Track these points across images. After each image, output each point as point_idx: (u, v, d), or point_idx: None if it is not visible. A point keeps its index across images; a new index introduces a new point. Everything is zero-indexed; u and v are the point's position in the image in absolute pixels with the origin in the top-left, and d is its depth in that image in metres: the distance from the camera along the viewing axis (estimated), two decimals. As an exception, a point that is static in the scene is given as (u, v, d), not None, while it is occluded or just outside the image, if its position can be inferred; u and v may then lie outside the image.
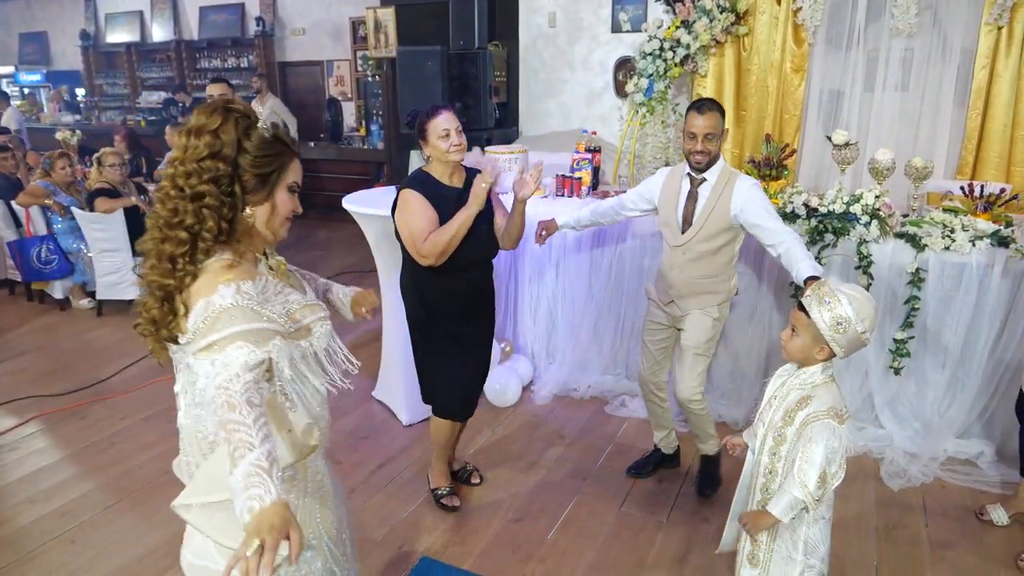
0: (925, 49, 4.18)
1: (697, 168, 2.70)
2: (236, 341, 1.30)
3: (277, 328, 1.39)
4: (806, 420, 1.78)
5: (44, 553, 2.64)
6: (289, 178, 1.54)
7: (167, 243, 1.38)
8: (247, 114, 1.50)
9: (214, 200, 1.40)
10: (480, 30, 5.63)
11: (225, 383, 1.26)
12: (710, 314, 2.77)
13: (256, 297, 1.39)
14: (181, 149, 1.43)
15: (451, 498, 2.93)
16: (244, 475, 1.19)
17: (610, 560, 2.60)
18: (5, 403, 3.84)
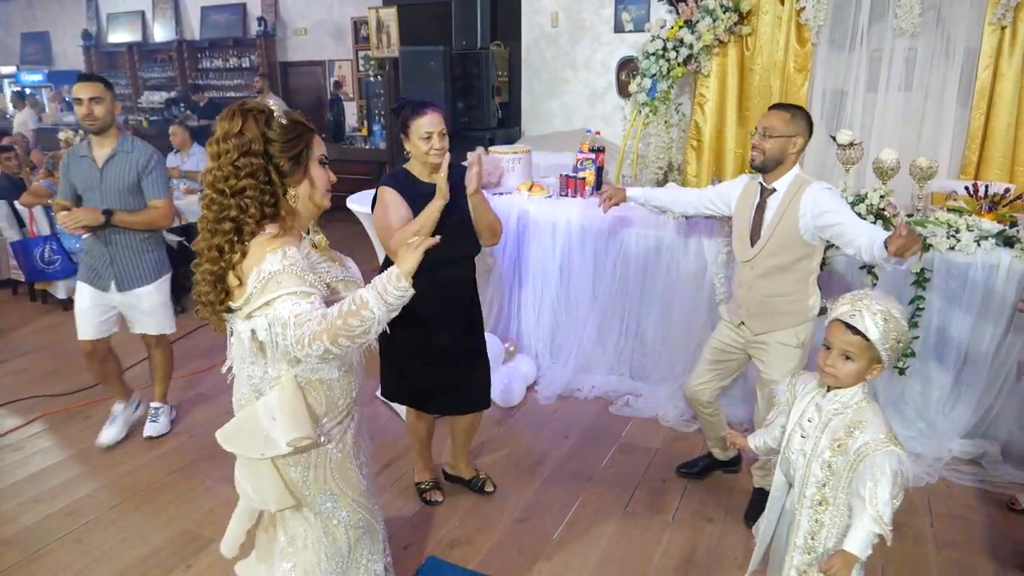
0: (928, 49, 4.18)
1: (754, 167, 2.55)
2: (283, 298, 1.52)
3: (316, 289, 1.58)
4: (862, 450, 1.65)
5: (50, 553, 2.64)
6: (316, 152, 1.72)
7: (216, 236, 1.58)
8: (262, 109, 1.65)
9: (254, 191, 1.58)
10: (482, 30, 5.64)
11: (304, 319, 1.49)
12: (789, 343, 2.54)
13: (300, 262, 1.58)
14: (214, 157, 1.61)
15: (433, 492, 2.94)
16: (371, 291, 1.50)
17: (616, 560, 2.60)
18: (8, 403, 3.84)
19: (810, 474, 1.75)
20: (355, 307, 1.48)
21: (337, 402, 1.75)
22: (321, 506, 1.78)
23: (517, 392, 3.77)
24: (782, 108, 2.52)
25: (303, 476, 1.73)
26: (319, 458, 1.74)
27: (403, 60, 5.78)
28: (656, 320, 3.76)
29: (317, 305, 1.54)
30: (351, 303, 1.48)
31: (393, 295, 1.49)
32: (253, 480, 1.72)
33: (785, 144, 2.46)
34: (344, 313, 1.47)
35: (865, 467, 1.64)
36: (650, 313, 3.77)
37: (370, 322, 1.48)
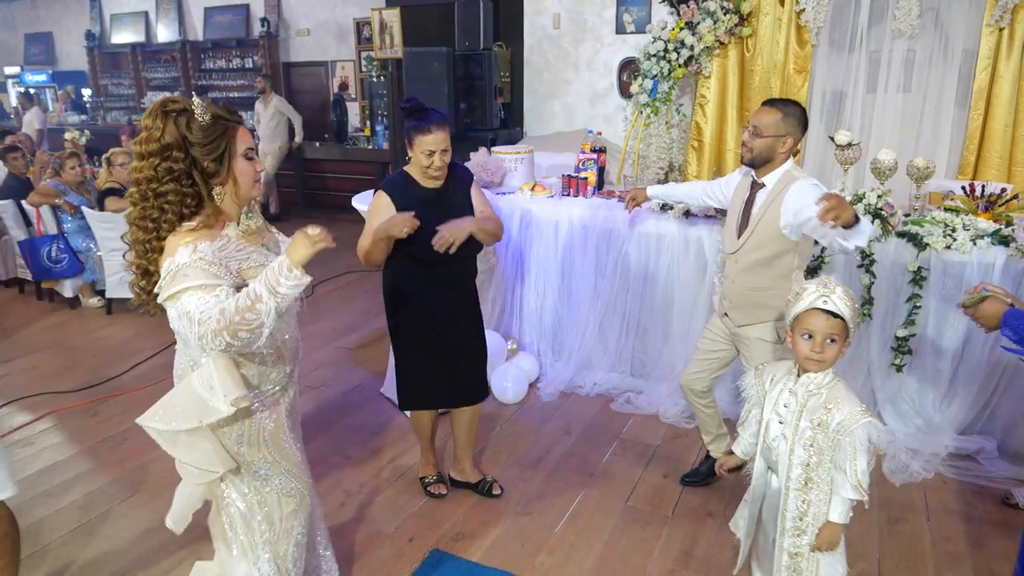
0: (927, 50, 4.23)
1: (744, 163, 2.58)
2: (188, 291, 1.58)
3: (221, 281, 1.62)
4: (841, 425, 1.74)
5: (62, 545, 2.70)
6: (240, 148, 1.74)
7: (140, 232, 1.67)
8: (183, 109, 1.67)
9: (176, 195, 1.64)
10: (485, 31, 5.69)
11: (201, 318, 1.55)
12: (767, 339, 2.59)
13: (210, 256, 1.63)
14: (138, 157, 1.66)
15: (437, 486, 2.99)
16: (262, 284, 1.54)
17: (617, 553, 2.64)
18: (18, 399, 3.90)
19: (794, 456, 1.82)
20: (250, 301, 1.53)
21: (270, 375, 1.82)
22: (256, 471, 1.84)
23: (519, 389, 3.82)
24: (775, 106, 2.49)
25: (237, 446, 1.80)
26: (252, 430, 1.80)
27: (407, 61, 5.83)
28: (657, 318, 3.81)
29: (223, 297, 1.58)
30: (246, 297, 1.54)
31: (285, 286, 1.54)
32: (194, 454, 1.75)
33: (774, 144, 2.46)
34: (240, 308, 1.53)
35: (846, 441, 1.74)
36: (651, 311, 3.81)
37: (265, 314, 1.54)
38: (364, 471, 3.18)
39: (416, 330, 2.73)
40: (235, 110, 1.78)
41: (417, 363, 2.76)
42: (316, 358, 4.44)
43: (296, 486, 1.93)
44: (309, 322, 5.10)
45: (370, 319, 5.11)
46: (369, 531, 2.76)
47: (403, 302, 2.73)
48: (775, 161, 2.50)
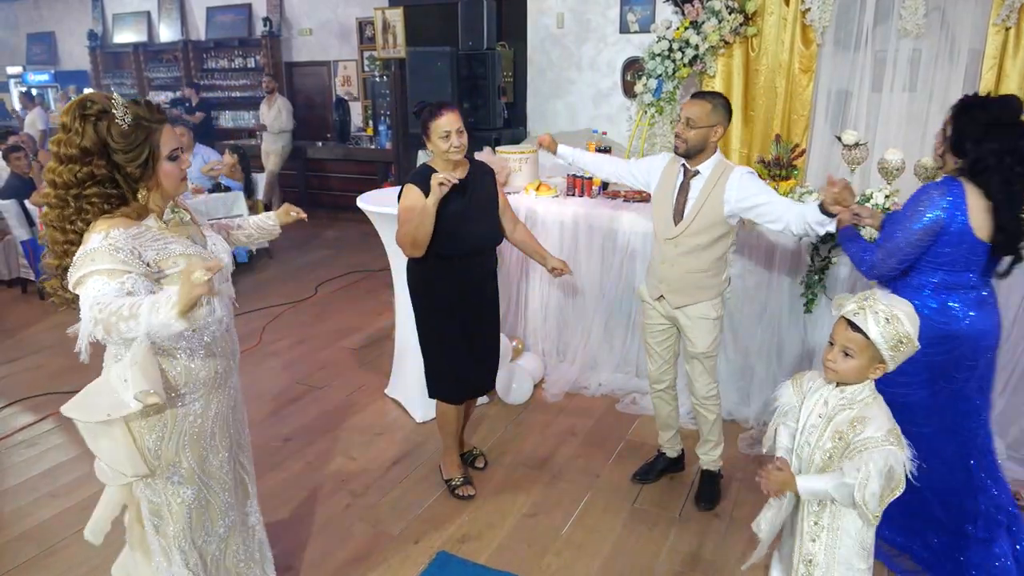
0: (933, 50, 4.20)
1: (678, 154, 2.67)
2: (92, 276, 1.55)
3: (129, 268, 1.58)
4: (862, 443, 1.67)
5: (66, 547, 2.68)
6: (165, 150, 1.70)
7: (58, 232, 1.64)
8: (104, 110, 1.61)
9: (98, 198, 1.62)
10: (488, 31, 5.67)
11: (94, 302, 1.50)
12: (708, 316, 2.72)
13: (121, 242, 1.59)
14: (57, 159, 1.62)
15: (465, 488, 3.00)
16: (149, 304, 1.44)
17: (625, 554, 2.63)
18: (22, 399, 3.89)
19: (813, 465, 1.79)
20: (127, 313, 1.45)
21: (198, 372, 1.79)
22: (170, 476, 1.79)
23: (524, 390, 3.81)
24: (704, 98, 2.62)
25: (156, 445, 1.75)
26: (175, 427, 1.77)
27: (410, 60, 5.81)
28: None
29: (128, 286, 1.55)
30: (130, 307, 1.45)
31: (161, 319, 1.42)
32: (108, 450, 1.71)
33: (707, 133, 2.59)
34: (118, 314, 1.45)
35: (860, 457, 1.65)
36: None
37: (134, 332, 1.45)
38: (369, 472, 3.17)
39: (446, 324, 2.83)
40: (159, 106, 1.73)
41: (452, 356, 2.85)
42: (319, 358, 4.43)
43: (205, 495, 1.87)
44: (312, 322, 5.09)
45: (373, 319, 5.09)
46: (374, 533, 2.75)
47: (430, 297, 2.83)
48: (707, 150, 2.63)
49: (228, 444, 1.92)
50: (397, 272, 3.58)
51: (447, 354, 2.85)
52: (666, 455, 3.10)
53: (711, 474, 2.95)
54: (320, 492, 3.01)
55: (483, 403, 3.74)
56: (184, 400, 1.78)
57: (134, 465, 1.73)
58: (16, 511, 2.91)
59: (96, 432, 1.71)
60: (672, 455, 3.10)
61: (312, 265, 6.52)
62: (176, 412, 1.77)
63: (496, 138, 5.45)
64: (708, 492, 2.92)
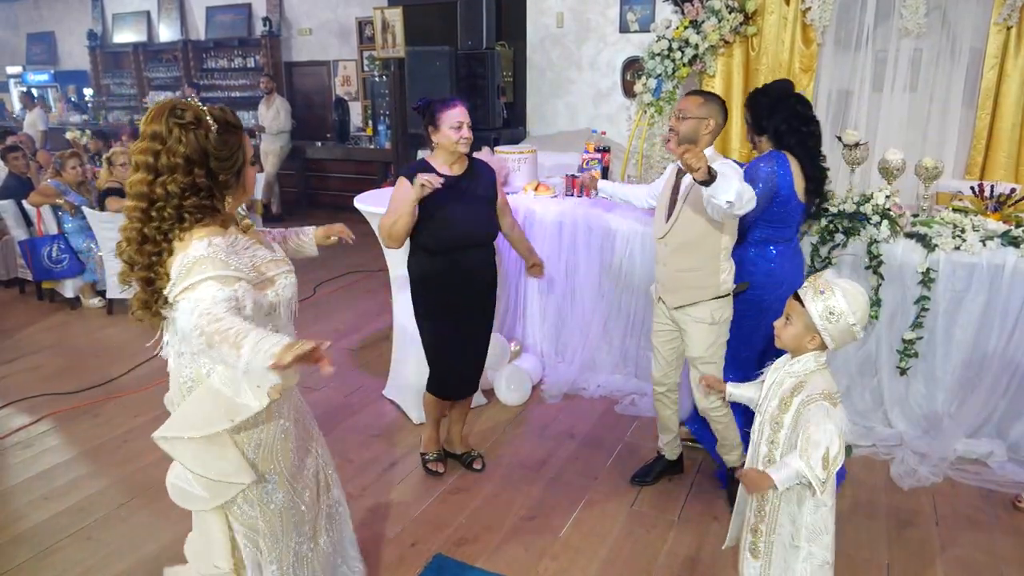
0: (934, 49, 4.18)
1: (670, 150, 2.67)
2: (205, 281, 1.52)
3: (241, 275, 1.59)
4: (801, 405, 1.80)
5: (60, 550, 2.66)
6: (248, 155, 1.71)
7: (149, 246, 1.60)
8: (198, 117, 1.60)
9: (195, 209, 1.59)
10: (488, 30, 5.66)
11: (204, 311, 1.48)
12: (704, 320, 2.65)
13: (225, 249, 1.59)
14: (148, 170, 1.57)
15: (437, 464, 3.12)
16: (254, 342, 1.41)
17: (623, 557, 2.61)
18: (18, 401, 3.87)
19: (762, 433, 1.90)
20: (234, 339, 1.42)
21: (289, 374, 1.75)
22: (263, 487, 1.77)
23: (523, 391, 3.79)
24: (697, 93, 2.64)
25: (255, 454, 1.74)
26: (268, 436, 1.75)
27: (409, 60, 5.79)
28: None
29: (239, 292, 1.55)
30: (237, 333, 1.43)
31: (260, 362, 1.40)
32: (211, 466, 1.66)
33: (697, 125, 2.56)
34: (224, 336, 1.43)
35: (803, 419, 1.79)
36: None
37: (233, 362, 1.43)
38: (366, 474, 3.15)
39: (442, 320, 2.86)
40: (234, 111, 1.74)
41: (447, 352, 2.91)
42: (318, 359, 4.40)
43: (294, 499, 1.86)
44: (310, 323, 5.07)
45: (372, 320, 5.08)
46: (371, 535, 2.73)
47: (428, 292, 2.87)
48: (699, 144, 2.56)
49: (305, 440, 1.93)
50: (395, 273, 3.56)
51: (437, 349, 2.91)
52: (665, 457, 3.07)
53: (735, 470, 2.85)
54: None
55: (481, 404, 3.72)
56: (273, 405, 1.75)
57: (246, 473, 1.70)
58: (10, 514, 2.89)
59: (203, 451, 1.65)
60: (671, 457, 3.07)
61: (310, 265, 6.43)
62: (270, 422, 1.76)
63: (495, 138, 5.42)
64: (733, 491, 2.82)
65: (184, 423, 1.64)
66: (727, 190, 2.23)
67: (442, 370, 2.95)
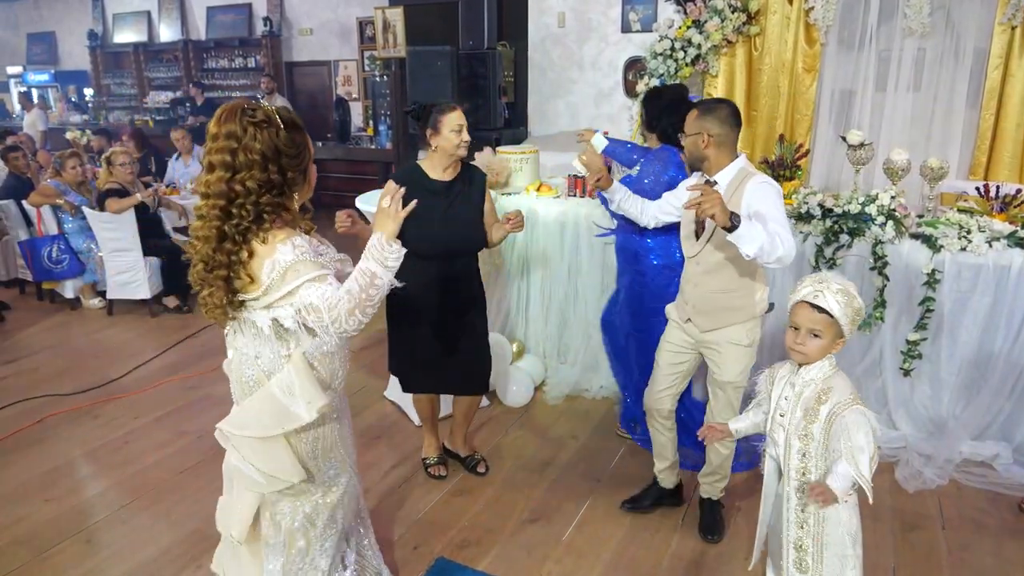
0: (938, 49, 4.16)
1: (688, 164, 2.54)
2: (305, 285, 1.62)
3: (328, 269, 1.67)
4: (833, 412, 1.77)
5: (60, 552, 2.65)
6: (312, 153, 1.77)
7: (226, 242, 1.62)
8: (268, 116, 1.64)
9: (271, 208, 1.64)
10: (489, 30, 5.64)
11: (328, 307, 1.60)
12: (740, 342, 2.48)
13: (309, 249, 1.66)
14: (225, 168, 1.60)
15: (438, 467, 3.12)
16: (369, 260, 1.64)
17: (626, 561, 2.59)
18: (18, 402, 3.85)
19: (791, 448, 1.85)
20: (368, 279, 1.61)
21: (338, 372, 1.85)
22: (326, 474, 1.84)
23: (525, 392, 3.77)
24: (696, 105, 2.48)
25: (312, 448, 1.80)
26: (325, 430, 1.81)
27: (410, 60, 5.77)
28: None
29: (335, 285, 1.64)
30: (363, 276, 1.62)
31: (391, 259, 1.65)
32: (266, 461, 1.74)
33: (695, 140, 2.42)
34: (365, 287, 1.61)
35: (837, 426, 1.76)
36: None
37: (383, 287, 1.64)
38: (368, 477, 3.12)
39: (415, 321, 2.83)
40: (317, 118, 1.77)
41: (412, 351, 2.88)
42: (319, 360, 4.39)
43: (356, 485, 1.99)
44: (312, 324, 5.05)
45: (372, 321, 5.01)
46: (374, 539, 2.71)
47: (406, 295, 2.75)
48: (711, 159, 2.42)
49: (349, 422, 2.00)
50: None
51: (407, 343, 2.88)
52: (661, 485, 2.88)
53: (712, 503, 2.76)
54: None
55: (484, 406, 3.70)
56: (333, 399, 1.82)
57: (296, 472, 1.76)
58: (11, 515, 2.87)
59: (259, 446, 1.74)
60: (668, 486, 2.88)
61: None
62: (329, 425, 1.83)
63: (497, 138, 5.40)
64: (711, 522, 2.74)
65: (244, 421, 1.73)
66: (751, 241, 2.09)
67: (403, 360, 2.93)
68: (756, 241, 2.08)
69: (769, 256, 2.12)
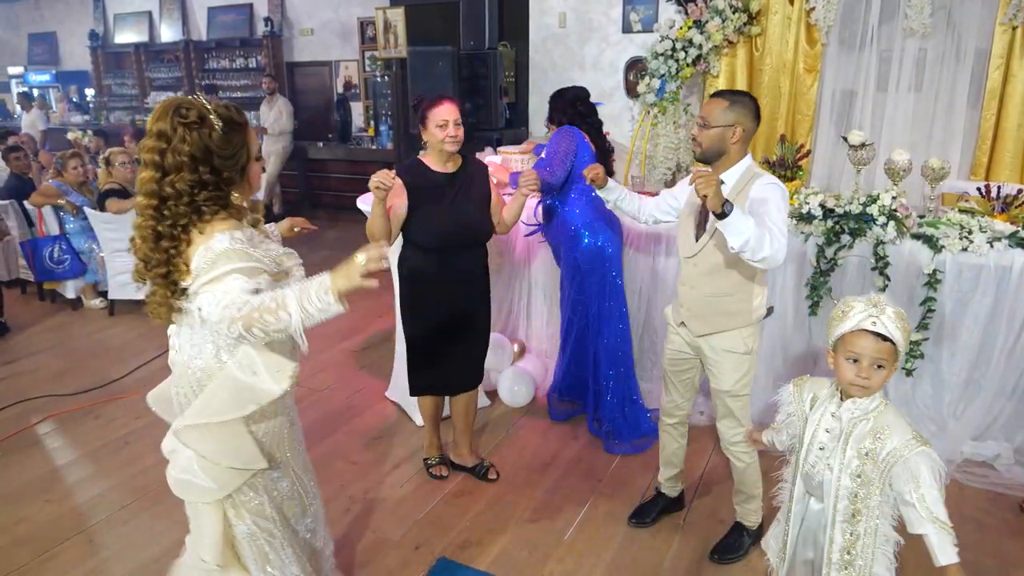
0: (939, 49, 4.17)
1: (696, 160, 2.43)
2: (232, 275, 1.55)
3: (265, 267, 1.62)
4: (893, 454, 1.61)
5: (61, 553, 2.65)
6: (254, 151, 1.71)
7: (164, 240, 1.60)
8: (202, 116, 1.60)
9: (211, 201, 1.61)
10: (490, 30, 5.64)
11: (231, 302, 1.51)
12: (735, 349, 2.38)
13: (246, 242, 1.62)
14: (155, 168, 1.59)
15: (440, 467, 3.11)
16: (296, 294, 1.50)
17: (628, 561, 2.59)
18: (19, 402, 3.85)
19: (840, 487, 1.70)
20: (274, 306, 1.49)
21: None
22: (269, 476, 1.81)
23: (526, 392, 3.77)
24: (722, 96, 2.32)
25: (264, 439, 1.77)
26: (275, 426, 1.80)
27: (411, 60, 5.78)
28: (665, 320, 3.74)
29: (262, 285, 1.58)
30: (273, 300, 1.50)
31: (315, 306, 1.49)
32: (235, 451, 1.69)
33: (722, 134, 2.27)
34: (263, 308, 1.49)
35: (900, 470, 1.60)
36: (659, 313, 3.75)
37: (285, 323, 1.49)
38: (369, 477, 3.13)
39: (426, 319, 2.84)
40: (240, 109, 1.73)
41: (425, 351, 2.88)
42: (319, 361, 4.39)
43: (298, 489, 1.91)
44: (313, 324, 5.05)
45: (373, 321, 5.06)
46: (374, 538, 2.71)
47: (416, 291, 2.86)
48: (730, 155, 2.30)
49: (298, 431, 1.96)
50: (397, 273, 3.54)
51: (415, 346, 2.89)
52: (665, 495, 2.83)
53: (740, 526, 2.61)
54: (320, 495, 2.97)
55: (484, 405, 3.71)
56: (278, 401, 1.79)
57: (260, 459, 1.73)
58: (11, 516, 2.87)
59: (221, 439, 1.68)
60: (672, 495, 2.83)
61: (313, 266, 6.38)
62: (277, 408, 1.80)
63: (498, 138, 5.41)
64: (727, 542, 2.60)
65: (205, 413, 1.66)
66: (738, 232, 2.03)
67: (419, 364, 2.91)
68: (743, 234, 2.03)
69: (755, 253, 2.06)
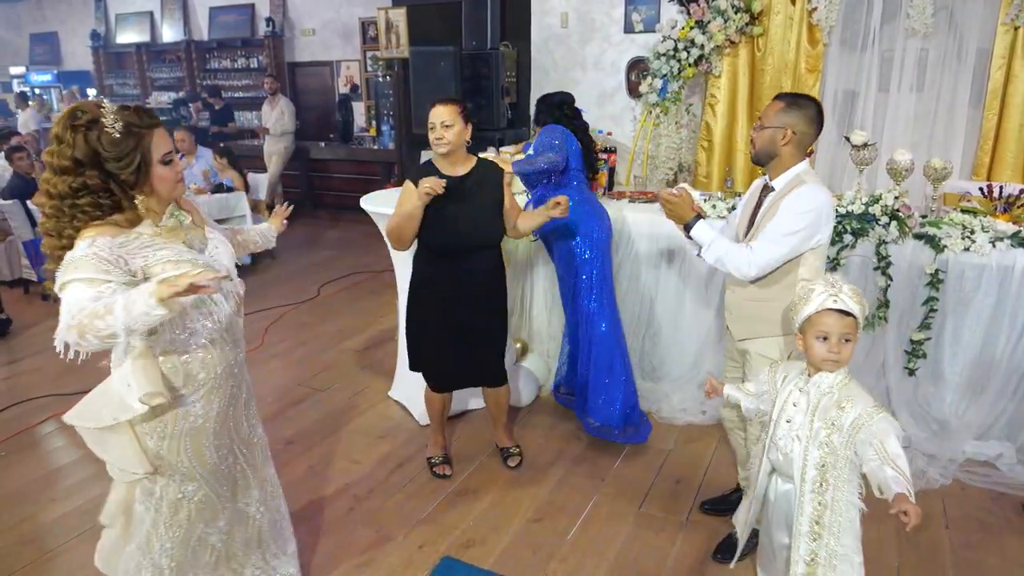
0: (940, 49, 4.17)
1: (753, 162, 2.42)
2: (73, 283, 1.56)
3: (112, 278, 1.58)
4: (857, 422, 1.72)
5: (66, 552, 2.66)
6: (157, 154, 1.69)
7: (54, 240, 1.65)
8: (94, 119, 1.61)
9: (91, 207, 1.62)
10: (492, 31, 5.64)
11: (69, 310, 1.53)
12: (768, 355, 2.33)
13: (106, 251, 1.59)
14: (50, 170, 1.63)
15: (442, 467, 3.14)
16: (123, 299, 1.48)
17: (631, 560, 2.60)
18: (23, 401, 3.86)
19: (809, 458, 1.80)
20: (103, 311, 1.48)
21: (196, 376, 1.80)
22: (171, 477, 1.84)
23: (529, 392, 3.77)
24: (781, 98, 2.30)
25: (158, 446, 1.79)
26: (175, 428, 1.79)
27: (413, 60, 5.78)
28: (667, 320, 3.76)
29: (106, 295, 1.55)
30: (104, 305, 1.49)
31: (139, 309, 1.47)
32: (116, 453, 1.77)
33: (774, 135, 2.24)
34: (93, 314, 1.48)
35: (864, 435, 1.72)
36: (662, 312, 3.76)
37: (112, 328, 1.48)
38: (373, 476, 3.14)
39: (434, 320, 2.87)
40: (150, 111, 1.73)
41: (436, 349, 2.92)
42: (322, 360, 4.40)
43: (207, 493, 1.90)
44: (315, 324, 5.07)
45: (376, 320, 5.07)
46: (378, 537, 2.72)
47: (425, 293, 2.89)
48: (782, 158, 2.27)
49: (228, 440, 1.94)
50: (400, 273, 3.55)
51: (429, 342, 2.92)
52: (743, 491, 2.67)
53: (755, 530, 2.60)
54: (323, 496, 2.98)
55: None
56: (184, 401, 1.80)
57: (142, 464, 1.77)
58: (17, 515, 2.88)
59: (103, 437, 1.75)
60: None
61: (315, 266, 6.49)
62: (176, 413, 1.80)
63: (500, 138, 5.41)
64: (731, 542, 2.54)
65: (80, 413, 1.72)
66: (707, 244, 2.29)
67: (433, 362, 2.97)
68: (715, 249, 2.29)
69: (722, 266, 2.29)
